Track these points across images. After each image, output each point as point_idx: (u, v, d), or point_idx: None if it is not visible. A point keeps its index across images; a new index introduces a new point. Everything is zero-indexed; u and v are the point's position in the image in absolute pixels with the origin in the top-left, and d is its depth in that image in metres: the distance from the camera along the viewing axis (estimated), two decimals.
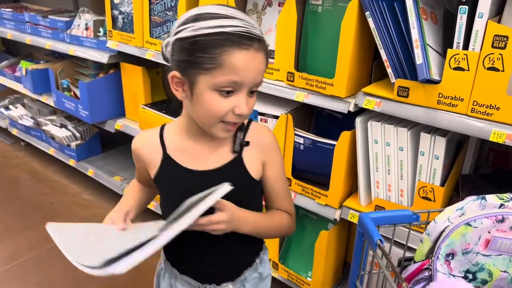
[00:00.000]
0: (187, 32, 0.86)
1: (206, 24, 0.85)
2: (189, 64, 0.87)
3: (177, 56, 0.89)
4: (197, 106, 0.91)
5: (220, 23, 0.85)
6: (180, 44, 0.88)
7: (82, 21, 2.54)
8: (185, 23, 0.88)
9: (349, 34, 1.42)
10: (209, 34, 0.85)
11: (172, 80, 0.92)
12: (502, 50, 1.18)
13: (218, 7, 0.90)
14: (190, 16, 0.89)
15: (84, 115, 2.47)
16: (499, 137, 1.22)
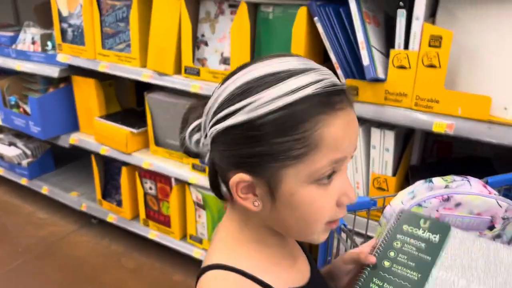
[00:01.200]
0: (244, 114, 0.58)
1: (275, 93, 0.57)
2: (262, 158, 0.59)
3: (234, 149, 0.60)
4: (287, 212, 0.62)
5: (295, 84, 0.58)
6: (237, 132, 0.59)
7: (28, 35, 2.48)
8: (233, 101, 0.59)
9: (300, 39, 1.51)
10: (285, 107, 0.57)
11: (237, 187, 0.62)
12: (437, 49, 1.30)
13: (271, 61, 0.61)
14: (236, 88, 0.60)
15: (36, 131, 2.40)
16: (440, 127, 1.34)
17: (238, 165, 0.61)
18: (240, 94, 0.59)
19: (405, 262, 0.68)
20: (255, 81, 0.59)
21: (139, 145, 2.22)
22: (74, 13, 2.15)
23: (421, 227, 0.73)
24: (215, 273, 0.63)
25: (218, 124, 0.61)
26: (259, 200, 0.62)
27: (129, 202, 2.33)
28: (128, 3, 1.95)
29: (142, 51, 1.98)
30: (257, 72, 0.60)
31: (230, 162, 0.62)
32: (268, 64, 0.60)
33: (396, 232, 0.72)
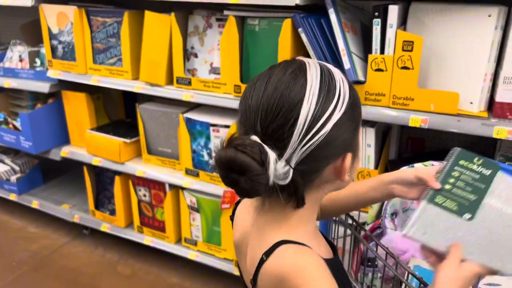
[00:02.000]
0: (337, 113, 0.70)
1: (340, 83, 0.72)
2: (355, 134, 0.75)
3: (344, 133, 0.71)
4: (356, 166, 0.79)
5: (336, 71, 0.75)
6: (338, 125, 0.70)
7: (15, 53, 2.54)
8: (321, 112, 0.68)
9: (286, 48, 1.65)
10: (351, 90, 0.74)
11: (346, 167, 0.74)
12: (410, 52, 1.47)
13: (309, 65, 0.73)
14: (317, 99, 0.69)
15: (27, 146, 2.45)
16: (416, 122, 1.51)
17: (342, 152, 0.73)
18: (324, 102, 0.69)
19: (463, 186, 0.83)
20: (323, 85, 0.70)
21: (131, 154, 2.30)
22: (64, 30, 2.23)
23: (475, 163, 0.86)
24: (289, 246, 0.73)
25: (317, 135, 0.68)
26: (348, 171, 0.75)
27: (123, 210, 2.41)
28: (119, 19, 2.05)
29: (133, 65, 2.08)
30: (313, 78, 0.70)
31: (335, 155, 0.72)
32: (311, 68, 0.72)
33: (454, 165, 0.86)
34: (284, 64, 0.74)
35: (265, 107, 0.69)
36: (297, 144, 0.68)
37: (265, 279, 0.74)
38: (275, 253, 0.73)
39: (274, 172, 0.67)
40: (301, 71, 0.71)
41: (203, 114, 2.01)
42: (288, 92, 0.69)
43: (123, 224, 2.44)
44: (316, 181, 0.74)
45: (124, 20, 2.02)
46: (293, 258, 0.71)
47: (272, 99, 0.69)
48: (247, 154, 0.66)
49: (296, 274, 0.69)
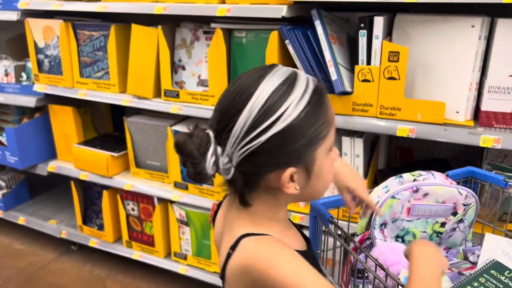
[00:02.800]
0: (281, 123, 0.71)
1: (296, 96, 0.72)
2: (304, 147, 0.74)
3: (282, 150, 0.72)
4: (315, 182, 0.79)
5: (303, 83, 0.74)
6: (278, 139, 0.71)
7: (1, 68, 2.51)
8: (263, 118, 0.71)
9: (273, 60, 1.66)
10: (308, 103, 0.73)
11: (289, 180, 0.75)
12: (396, 63, 1.48)
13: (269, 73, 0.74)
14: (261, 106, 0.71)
15: (13, 161, 2.42)
16: (403, 132, 1.52)
17: (283, 163, 0.74)
18: (270, 110, 0.71)
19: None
20: (275, 94, 0.72)
21: (119, 168, 2.28)
22: (50, 44, 2.22)
23: (504, 275, 0.94)
24: (250, 238, 0.77)
25: (253, 141, 0.71)
26: (297, 184, 0.77)
27: (111, 225, 2.37)
28: (105, 33, 2.04)
29: (120, 78, 2.07)
30: (269, 86, 0.72)
31: (273, 165, 0.74)
32: (269, 77, 0.74)
33: (484, 272, 0.95)
34: (256, 69, 0.77)
35: (219, 107, 0.76)
36: (235, 145, 0.73)
37: (232, 273, 0.76)
38: (239, 246, 0.76)
39: (211, 163, 0.74)
40: (259, 80, 0.74)
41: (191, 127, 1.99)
42: (238, 97, 0.73)
43: (112, 239, 2.41)
44: (262, 184, 0.77)
45: (111, 34, 2.01)
46: (254, 247, 0.75)
47: (225, 100, 0.75)
48: (192, 142, 0.74)
49: (258, 261, 0.72)
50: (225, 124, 0.73)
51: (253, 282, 0.73)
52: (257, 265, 0.72)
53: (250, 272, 0.72)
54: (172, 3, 1.80)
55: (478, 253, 1.20)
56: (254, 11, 1.63)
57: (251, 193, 0.79)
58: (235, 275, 0.76)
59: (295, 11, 1.62)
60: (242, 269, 0.74)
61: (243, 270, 0.74)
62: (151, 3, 1.84)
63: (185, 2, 1.78)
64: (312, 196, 0.83)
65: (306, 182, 0.78)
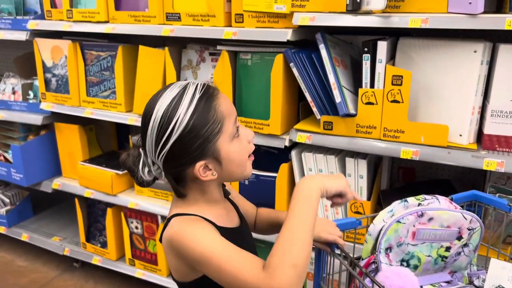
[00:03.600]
0: (178, 131, 0.90)
1: (185, 106, 0.91)
2: (203, 144, 0.92)
3: (184, 154, 0.92)
4: (229, 165, 0.98)
5: (189, 94, 0.92)
6: (180, 144, 0.91)
7: (8, 86, 2.55)
8: (164, 129, 0.90)
9: (278, 82, 1.69)
10: (195, 110, 0.91)
11: (200, 171, 0.95)
12: (399, 86, 1.51)
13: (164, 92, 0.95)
14: (160, 119, 0.91)
15: (18, 178, 2.43)
16: (407, 154, 1.53)
17: (192, 160, 0.94)
18: (167, 122, 0.90)
19: None
20: (168, 108, 0.91)
21: (124, 186, 2.29)
22: (58, 63, 2.25)
23: None
24: (177, 217, 0.98)
25: (163, 149, 0.92)
26: (213, 171, 0.97)
27: (115, 242, 2.38)
28: (113, 53, 2.08)
29: (127, 97, 2.10)
30: (164, 103, 0.92)
31: (186, 163, 0.94)
32: (165, 95, 0.93)
33: None
34: (174, 87, 0.96)
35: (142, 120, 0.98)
36: (153, 155, 0.95)
37: (165, 246, 0.97)
38: (168, 225, 0.97)
39: (146, 172, 0.98)
40: (156, 98, 0.94)
41: None
42: (144, 117, 0.95)
43: (115, 257, 2.41)
44: (187, 178, 0.98)
45: (118, 54, 2.05)
46: (177, 224, 0.96)
47: (144, 114, 0.97)
48: (129, 159, 1.00)
49: (177, 234, 0.93)
50: (143, 140, 0.96)
51: (177, 252, 0.92)
52: (176, 237, 0.92)
53: (172, 243, 0.93)
54: (179, 26, 1.83)
55: (483, 277, 1.21)
56: (260, 34, 1.67)
57: (184, 185, 1.00)
58: (166, 247, 0.96)
59: (300, 34, 1.65)
60: (169, 242, 0.94)
61: (169, 242, 0.94)
62: (159, 25, 1.87)
63: (192, 25, 1.81)
64: (232, 176, 1.02)
65: (220, 168, 0.97)
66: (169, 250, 0.96)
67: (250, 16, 1.70)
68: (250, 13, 1.70)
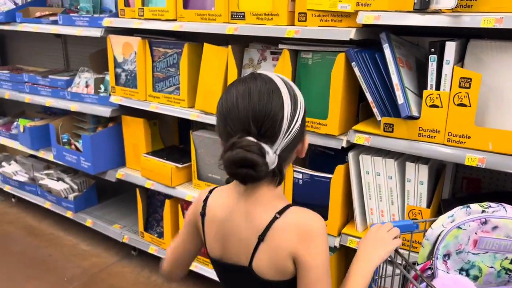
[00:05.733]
0: (302, 106, 0.97)
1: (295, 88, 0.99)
2: (305, 123, 0.99)
3: (303, 127, 0.98)
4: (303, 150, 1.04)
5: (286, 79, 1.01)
6: (304, 116, 0.98)
7: (82, 79, 2.73)
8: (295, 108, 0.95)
9: (338, 82, 1.67)
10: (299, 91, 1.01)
11: (305, 147, 1.03)
12: (467, 89, 1.44)
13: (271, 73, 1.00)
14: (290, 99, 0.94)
15: (86, 166, 2.59)
16: (472, 161, 1.45)
17: (301, 138, 1.00)
18: (295, 99, 0.96)
19: None
20: (289, 88, 0.96)
21: (182, 179, 2.37)
22: (128, 59, 2.38)
23: None
24: (295, 207, 0.99)
25: (295, 127, 0.94)
26: None
27: (171, 233, 2.46)
28: (179, 50, 2.16)
29: (190, 93, 2.17)
30: (285, 90, 0.95)
31: (301, 136, 0.99)
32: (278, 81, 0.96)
33: None
34: (257, 78, 0.96)
35: (256, 114, 0.92)
36: (282, 138, 0.93)
37: (284, 230, 0.96)
38: (289, 212, 0.97)
39: (269, 161, 0.91)
40: (273, 83, 0.95)
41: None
42: (271, 101, 0.92)
43: None
44: (288, 161, 1.01)
45: (184, 52, 2.12)
46: (310, 216, 0.98)
47: (260, 107, 0.92)
48: (254, 152, 0.89)
49: (315, 226, 0.96)
50: (269, 124, 0.91)
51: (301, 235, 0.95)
52: (313, 226, 0.96)
53: (307, 227, 0.95)
54: (243, 24, 1.87)
55: None
56: (322, 33, 1.66)
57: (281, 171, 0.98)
58: (289, 232, 0.95)
59: (363, 34, 1.63)
60: (301, 227, 0.95)
61: (303, 228, 0.95)
62: (224, 23, 1.92)
63: (256, 24, 1.84)
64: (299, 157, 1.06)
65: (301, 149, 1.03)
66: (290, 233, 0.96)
67: (313, 15, 1.70)
68: (313, 12, 1.70)
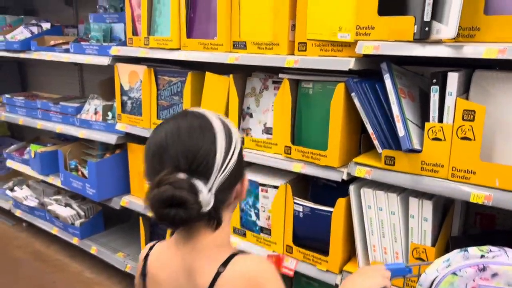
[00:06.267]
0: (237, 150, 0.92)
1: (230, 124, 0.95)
2: (242, 161, 0.95)
3: (240, 164, 0.93)
4: (242, 191, 0.98)
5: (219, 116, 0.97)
6: (237, 161, 0.91)
7: (92, 106, 2.76)
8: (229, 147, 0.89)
9: (338, 112, 1.62)
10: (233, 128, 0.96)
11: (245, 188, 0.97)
12: (471, 122, 1.36)
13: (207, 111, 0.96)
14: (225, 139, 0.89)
15: (91, 193, 2.58)
16: (478, 198, 1.36)
17: (242, 174, 0.95)
18: (229, 134, 0.91)
19: None
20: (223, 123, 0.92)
21: None
22: (134, 87, 2.39)
23: None
24: (240, 256, 0.90)
25: (230, 162, 0.89)
26: None
27: None
28: (182, 79, 2.16)
29: None
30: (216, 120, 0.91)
31: (241, 175, 0.94)
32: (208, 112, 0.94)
33: None
34: (187, 115, 0.92)
35: (186, 149, 0.85)
36: (216, 175, 0.86)
37: (230, 286, 0.87)
38: (233, 264, 0.88)
39: (203, 200, 0.83)
40: (204, 119, 0.90)
41: (253, 173, 1.99)
42: (203, 136, 0.87)
43: None
44: (227, 203, 0.93)
45: (187, 80, 2.12)
46: (255, 263, 0.90)
47: (190, 142, 0.85)
48: (183, 189, 0.81)
49: (263, 273, 0.88)
50: (201, 159, 0.85)
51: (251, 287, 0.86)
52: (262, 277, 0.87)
53: (256, 280, 0.86)
54: (244, 54, 1.85)
55: None
56: (321, 63, 1.63)
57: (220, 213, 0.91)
58: (233, 285, 0.87)
59: (364, 64, 1.58)
60: (248, 280, 0.86)
61: (250, 281, 0.86)
62: (225, 53, 1.91)
63: (257, 53, 1.82)
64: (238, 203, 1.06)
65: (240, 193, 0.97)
66: None
67: (313, 44, 1.67)
68: (313, 42, 1.67)
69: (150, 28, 2.23)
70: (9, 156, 3.40)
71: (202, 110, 0.95)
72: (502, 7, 1.33)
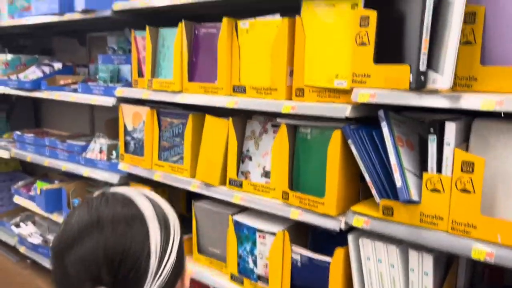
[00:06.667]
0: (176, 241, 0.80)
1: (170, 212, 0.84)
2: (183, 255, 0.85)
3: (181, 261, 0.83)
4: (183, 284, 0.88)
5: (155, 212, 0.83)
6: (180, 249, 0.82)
7: (97, 145, 2.78)
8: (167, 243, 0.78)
9: (335, 159, 1.58)
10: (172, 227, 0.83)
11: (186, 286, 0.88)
12: (470, 174, 1.31)
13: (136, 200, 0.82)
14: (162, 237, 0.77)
15: None
16: (479, 255, 1.29)
17: (179, 276, 0.82)
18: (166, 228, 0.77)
19: None
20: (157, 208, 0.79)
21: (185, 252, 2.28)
22: (137, 128, 2.41)
23: None
24: None
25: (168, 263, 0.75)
26: None
27: None
28: (184, 121, 2.17)
29: (193, 163, 2.14)
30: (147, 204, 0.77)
31: (180, 273, 0.82)
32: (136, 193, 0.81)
33: None
34: (109, 200, 0.73)
35: (109, 252, 0.65)
36: (151, 282, 0.69)
37: None
38: None
39: None
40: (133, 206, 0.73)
41: (251, 218, 1.95)
42: (131, 231, 0.68)
43: None
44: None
45: (188, 122, 2.12)
46: None
47: (114, 241, 0.66)
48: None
49: None
50: (130, 266, 0.66)
51: None
52: None
53: None
54: (243, 98, 1.86)
55: None
56: (318, 109, 1.61)
57: None
58: None
59: (361, 111, 1.56)
60: None
61: None
62: (225, 96, 1.92)
63: (255, 98, 1.82)
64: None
65: None
66: None
67: (311, 90, 1.66)
68: (311, 88, 1.66)
69: (154, 71, 2.26)
70: (17, 192, 3.42)
71: (126, 190, 0.76)
72: (499, 57, 1.31)
